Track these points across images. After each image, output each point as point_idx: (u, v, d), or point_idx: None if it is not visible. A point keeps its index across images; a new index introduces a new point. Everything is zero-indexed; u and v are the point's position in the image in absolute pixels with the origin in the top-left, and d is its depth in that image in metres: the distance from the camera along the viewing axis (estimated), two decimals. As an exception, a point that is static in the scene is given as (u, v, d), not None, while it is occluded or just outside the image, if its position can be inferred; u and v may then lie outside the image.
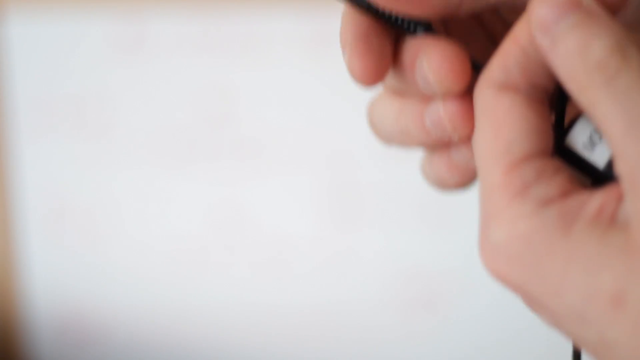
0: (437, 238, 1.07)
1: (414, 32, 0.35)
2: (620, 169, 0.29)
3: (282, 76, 1.05)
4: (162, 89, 1.06)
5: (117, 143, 1.07)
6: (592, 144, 0.32)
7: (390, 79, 0.37)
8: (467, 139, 0.35)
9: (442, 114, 0.35)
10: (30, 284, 1.11)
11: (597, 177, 0.32)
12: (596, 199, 0.29)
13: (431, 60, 0.34)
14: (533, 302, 0.30)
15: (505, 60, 0.31)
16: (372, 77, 0.35)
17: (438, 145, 0.37)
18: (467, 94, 0.34)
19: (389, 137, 0.39)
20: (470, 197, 0.45)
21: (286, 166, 1.07)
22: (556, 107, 0.33)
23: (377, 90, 0.39)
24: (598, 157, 0.32)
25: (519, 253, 0.29)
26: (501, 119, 0.30)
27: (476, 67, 0.34)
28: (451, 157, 0.37)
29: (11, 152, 1.08)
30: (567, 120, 0.33)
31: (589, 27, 0.29)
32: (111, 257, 1.10)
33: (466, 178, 0.38)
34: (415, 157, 0.42)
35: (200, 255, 1.09)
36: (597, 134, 0.32)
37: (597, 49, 0.29)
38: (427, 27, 0.35)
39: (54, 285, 1.11)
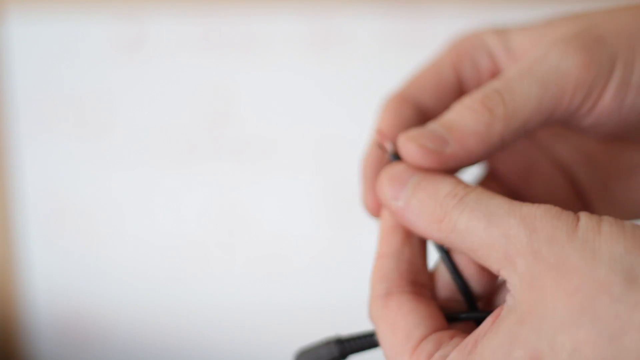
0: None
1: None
2: (495, 260, 0.32)
3: (282, 76, 1.05)
4: (162, 89, 1.06)
5: (117, 143, 1.07)
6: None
7: None
8: None
9: None
10: (30, 284, 1.11)
11: None
12: (486, 322, 0.33)
13: None
14: None
15: (381, 271, 0.37)
16: (377, 211, 0.41)
17: None
18: None
19: None
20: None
21: (285, 165, 1.07)
22: (459, 287, 0.37)
23: None
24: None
25: None
26: (393, 318, 0.35)
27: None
28: None
29: (11, 152, 1.08)
30: None
31: (431, 178, 0.35)
32: (111, 257, 1.10)
33: None
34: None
35: (200, 254, 1.09)
36: None
37: (444, 186, 0.35)
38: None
39: (54, 285, 1.11)
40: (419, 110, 0.43)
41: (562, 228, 0.31)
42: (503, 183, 0.45)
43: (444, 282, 0.37)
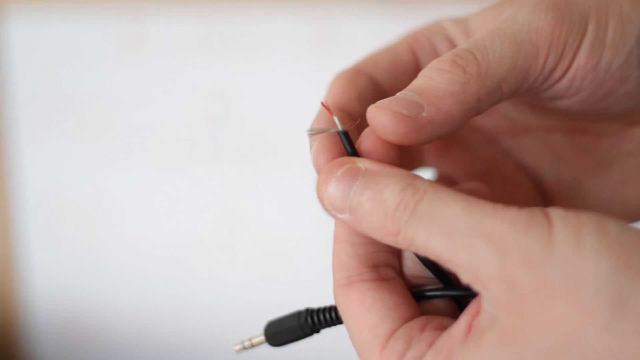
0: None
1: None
2: (464, 278, 0.30)
3: (282, 76, 1.05)
4: (162, 89, 1.06)
5: (117, 143, 1.07)
6: None
7: None
8: None
9: None
10: (31, 284, 1.11)
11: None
12: (461, 323, 0.31)
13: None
14: None
15: (339, 258, 0.33)
16: None
17: None
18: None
19: None
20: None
21: (285, 165, 1.07)
22: (425, 264, 0.34)
23: None
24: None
25: None
26: (357, 312, 0.33)
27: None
28: None
29: (11, 152, 1.08)
30: None
31: (374, 183, 0.31)
32: (111, 257, 1.10)
33: None
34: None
35: (200, 254, 1.09)
36: None
37: (390, 196, 0.31)
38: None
39: (54, 285, 1.11)
40: (374, 84, 0.39)
41: (534, 245, 0.28)
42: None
43: (414, 258, 0.35)
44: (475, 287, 0.29)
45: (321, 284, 1.09)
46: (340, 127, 0.34)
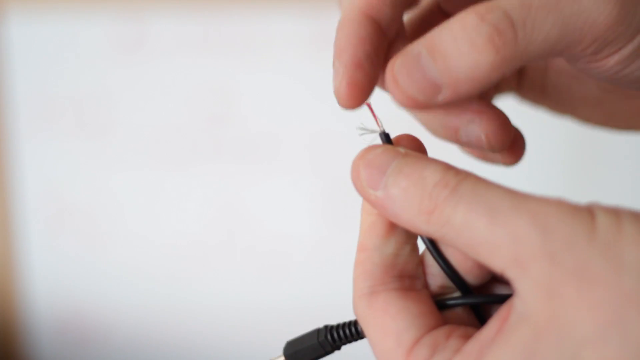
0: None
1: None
2: (501, 260, 0.29)
3: (282, 77, 1.05)
4: (162, 89, 1.06)
5: (117, 143, 1.07)
6: None
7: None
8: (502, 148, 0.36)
9: (483, 137, 0.35)
10: (31, 284, 1.11)
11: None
12: (491, 327, 0.30)
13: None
14: None
15: (364, 267, 0.33)
16: (355, 103, 0.35)
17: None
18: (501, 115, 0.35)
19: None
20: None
21: (285, 165, 1.07)
22: (448, 276, 0.33)
23: None
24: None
25: None
26: (381, 320, 0.32)
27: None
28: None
29: (11, 153, 1.08)
30: None
31: (413, 163, 0.31)
32: (111, 257, 1.10)
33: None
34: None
35: (201, 254, 1.09)
36: None
37: (430, 174, 0.30)
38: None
39: (54, 285, 1.11)
40: (380, 30, 0.36)
41: (579, 228, 0.27)
42: None
43: (437, 268, 0.33)
44: (511, 271, 0.29)
45: (321, 284, 1.10)
46: (382, 128, 0.34)
